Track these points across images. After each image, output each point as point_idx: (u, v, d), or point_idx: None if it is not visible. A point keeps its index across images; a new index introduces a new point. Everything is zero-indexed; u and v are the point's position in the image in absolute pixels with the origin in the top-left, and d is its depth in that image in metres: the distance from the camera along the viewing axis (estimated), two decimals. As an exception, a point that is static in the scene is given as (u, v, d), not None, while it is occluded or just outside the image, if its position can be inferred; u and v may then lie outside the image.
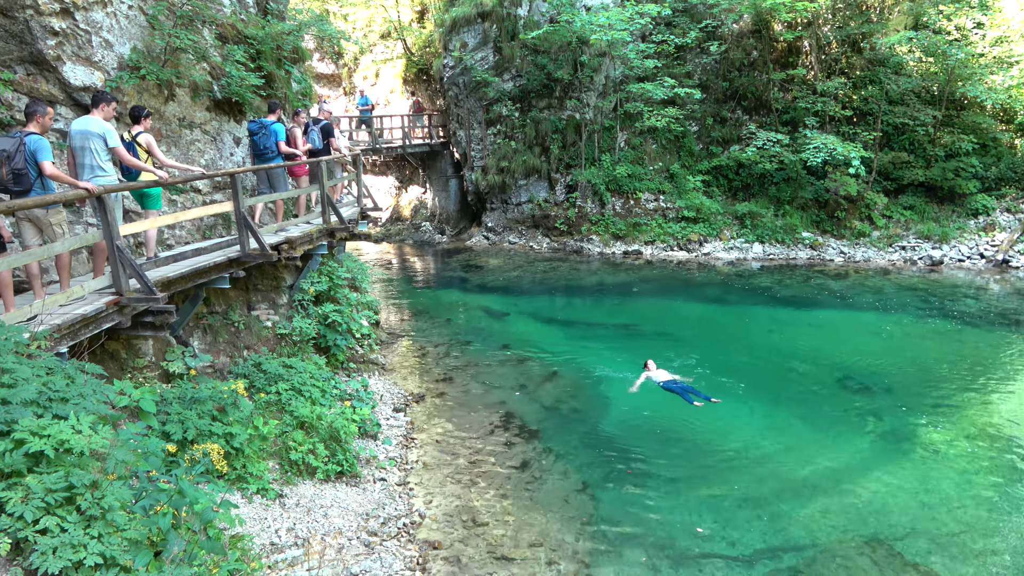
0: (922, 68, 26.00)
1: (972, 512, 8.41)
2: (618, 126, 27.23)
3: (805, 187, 25.63)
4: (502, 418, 11.27)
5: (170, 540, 4.15)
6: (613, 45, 25.26)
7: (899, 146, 25.74)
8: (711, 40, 26.67)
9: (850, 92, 26.15)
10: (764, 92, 27.09)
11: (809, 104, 25.68)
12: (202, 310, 9.87)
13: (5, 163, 6.40)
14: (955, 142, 24.63)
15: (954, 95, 25.07)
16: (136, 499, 4.48)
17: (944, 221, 24.55)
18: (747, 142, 26.21)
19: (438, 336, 15.93)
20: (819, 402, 11.93)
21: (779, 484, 9.14)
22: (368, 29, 34.32)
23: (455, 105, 28.51)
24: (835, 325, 16.77)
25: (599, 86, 27.13)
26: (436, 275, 23.74)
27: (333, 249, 13.06)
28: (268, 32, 12.29)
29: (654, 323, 17.11)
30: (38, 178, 6.54)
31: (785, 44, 27.15)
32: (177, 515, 4.43)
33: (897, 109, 25.28)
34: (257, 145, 11.18)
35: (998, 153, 24.96)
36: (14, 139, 6.47)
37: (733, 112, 27.76)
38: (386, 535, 7.65)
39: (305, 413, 8.98)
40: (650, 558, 7.54)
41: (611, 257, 25.08)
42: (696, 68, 27.76)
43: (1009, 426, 10.75)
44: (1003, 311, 17.59)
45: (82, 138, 7.37)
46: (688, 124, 27.36)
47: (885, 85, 25.26)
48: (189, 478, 4.96)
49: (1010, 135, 25.13)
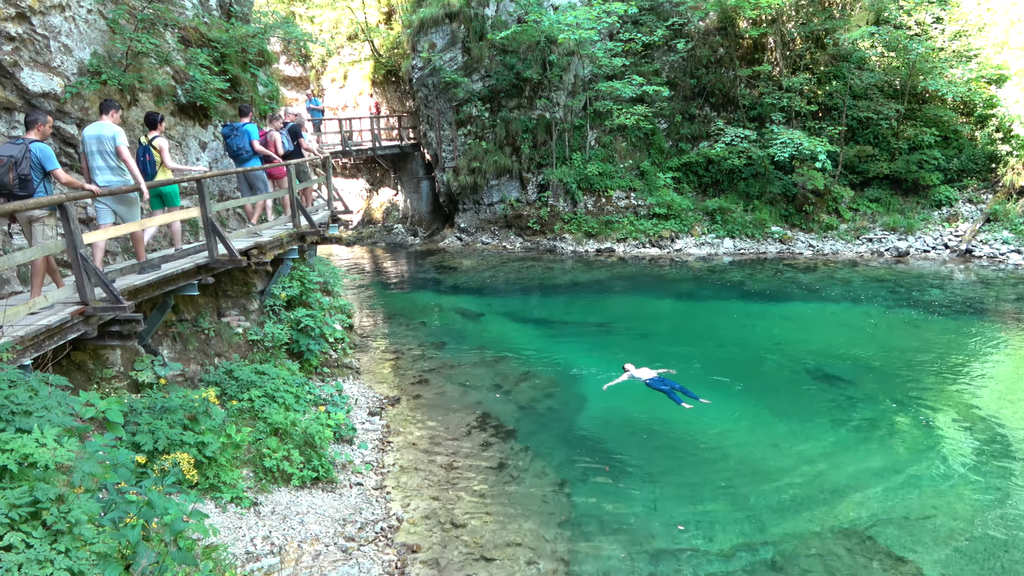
0: (884, 63, 26.47)
1: (942, 498, 8.56)
2: (588, 125, 27.35)
3: (773, 182, 25.96)
4: (478, 419, 11.24)
5: (140, 552, 4.07)
6: (581, 44, 25.36)
7: (864, 140, 26.19)
8: (678, 38, 26.88)
9: (815, 87, 26.53)
10: (731, 89, 27.38)
11: (775, 100, 26.01)
12: (171, 318, 9.71)
13: (12, 169, 6.78)
14: (918, 135, 25.13)
15: (916, 89, 25.57)
16: (105, 512, 4.39)
17: (909, 213, 25.03)
18: (716, 138, 26.47)
19: (413, 338, 15.86)
20: (792, 393, 12.08)
21: (755, 476, 9.23)
22: (335, 31, 34.06)
23: (425, 106, 28.42)
24: (806, 317, 17.00)
25: (568, 85, 27.21)
26: (409, 277, 23.63)
27: (304, 253, 12.93)
28: (232, 35, 12.15)
29: (628, 320, 17.20)
30: (41, 183, 6.98)
31: (750, 41, 27.46)
32: (147, 527, 4.35)
33: (861, 103, 25.72)
34: (231, 147, 11.30)
35: (959, 145, 25.51)
36: (19, 146, 6.86)
37: (701, 109, 28.02)
38: (364, 540, 7.59)
39: (279, 419, 8.87)
40: (629, 554, 7.57)
41: (584, 255, 25.17)
42: (664, 66, 27.97)
43: (976, 412, 10.98)
44: (967, 300, 17.97)
45: (97, 142, 7.91)
46: (657, 122, 27.56)
47: (849, 80, 25.69)
48: (159, 489, 4.87)
49: (970, 127, 25.68)
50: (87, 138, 7.96)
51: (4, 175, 6.78)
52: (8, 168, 6.78)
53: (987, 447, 9.80)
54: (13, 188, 6.81)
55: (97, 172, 8.00)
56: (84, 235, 6.93)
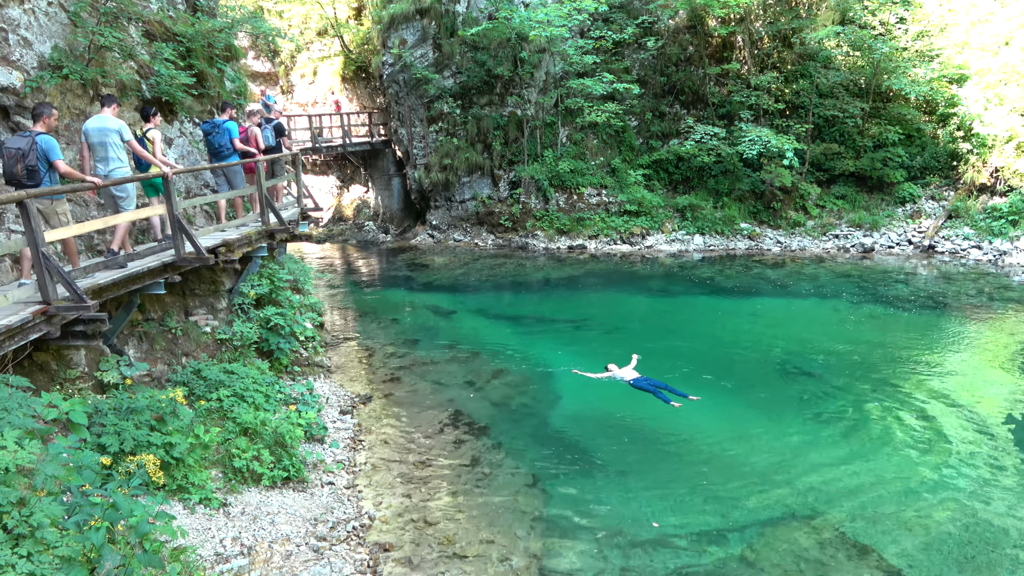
0: (849, 62, 26.90)
1: (908, 489, 8.74)
2: (559, 122, 27.40)
3: (742, 179, 26.25)
4: (451, 416, 11.22)
5: (104, 555, 4.00)
6: (552, 41, 25.40)
7: (830, 138, 26.60)
8: (648, 36, 27.07)
9: (782, 86, 26.88)
10: (700, 87, 27.63)
11: (744, 98, 26.31)
12: (137, 317, 9.54)
13: (20, 160, 7.13)
14: (882, 133, 25.60)
15: (880, 88, 26.02)
16: (69, 515, 4.31)
17: (874, 209, 25.49)
18: (685, 136, 26.71)
19: (384, 336, 15.77)
20: (762, 388, 12.24)
21: (726, 470, 9.34)
22: (304, 26, 33.69)
23: (395, 103, 28.25)
24: (775, 313, 17.23)
25: (539, 82, 27.23)
26: (381, 275, 23.49)
27: (273, 251, 12.79)
28: (198, 29, 11.96)
29: (600, 316, 17.29)
30: (47, 173, 7.29)
31: (719, 39, 27.73)
32: (112, 529, 4.28)
33: (827, 102, 26.12)
34: (212, 144, 11.36)
35: (922, 143, 26.04)
36: (27, 138, 7.20)
37: (671, 107, 28.23)
38: (335, 539, 7.54)
39: (248, 419, 8.77)
40: (601, 548, 7.61)
41: (556, 252, 25.24)
42: (634, 64, 28.13)
43: (940, 405, 11.22)
44: (930, 294, 18.36)
45: (100, 134, 8.27)
46: (628, 119, 27.70)
47: (815, 79, 26.07)
48: (124, 491, 4.79)
49: (932, 126, 26.22)
50: (90, 131, 8.29)
51: (12, 166, 7.15)
52: (16, 160, 7.12)
53: (952, 439, 10.02)
54: (21, 178, 7.17)
55: (99, 163, 8.35)
56: (45, 233, 6.78)
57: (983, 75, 24.94)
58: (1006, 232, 22.59)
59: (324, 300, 17.91)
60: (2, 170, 7.27)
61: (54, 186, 7.27)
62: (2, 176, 7.26)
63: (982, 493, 8.59)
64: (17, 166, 7.14)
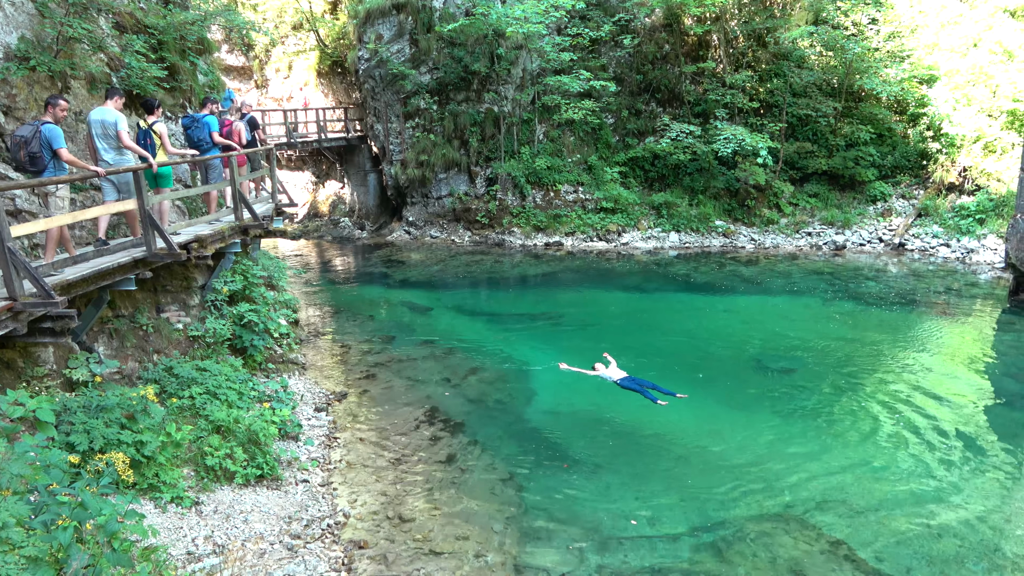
0: (822, 62, 27.24)
1: (877, 483, 8.88)
2: (536, 119, 27.42)
3: (717, 177, 26.47)
4: (427, 413, 11.20)
5: (72, 555, 3.93)
6: (529, 38, 25.39)
7: (803, 136, 26.92)
8: (624, 34, 27.16)
9: (757, 85, 27.14)
10: (676, 85, 27.79)
11: (719, 96, 26.51)
12: (107, 314, 9.39)
13: (23, 147, 7.56)
14: (854, 132, 25.96)
15: (852, 87, 26.38)
16: (35, 514, 4.23)
17: (846, 208, 25.84)
18: (661, 134, 26.85)
19: (360, 333, 15.68)
20: (735, 383, 12.37)
21: (700, 465, 9.43)
22: (279, 20, 33.34)
23: (372, 98, 28.08)
24: (748, 309, 17.41)
25: (516, 79, 27.22)
26: (357, 271, 23.36)
27: (247, 247, 12.66)
28: (170, 22, 11.80)
29: (577, 313, 17.34)
30: (51, 161, 7.71)
31: (695, 38, 27.92)
32: (80, 529, 4.21)
33: (801, 101, 26.41)
34: (191, 139, 11.53)
35: (893, 142, 26.45)
36: (32, 127, 7.64)
37: (647, 104, 28.37)
38: (310, 537, 7.50)
39: (221, 417, 8.68)
40: (576, 544, 7.65)
41: (533, 249, 25.26)
42: (611, 61, 28.22)
43: (910, 400, 11.41)
44: (900, 291, 18.67)
45: (101, 126, 8.68)
46: (604, 116, 27.79)
47: (789, 78, 26.35)
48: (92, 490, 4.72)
49: (903, 125, 26.64)
50: (92, 122, 8.72)
51: (16, 153, 7.63)
52: (20, 146, 7.57)
53: (921, 434, 10.20)
54: (25, 164, 7.65)
55: (102, 153, 8.77)
56: (12, 228, 6.64)
57: (952, 76, 25.39)
58: (973, 230, 23.03)
59: (299, 296, 17.76)
60: (10, 157, 7.78)
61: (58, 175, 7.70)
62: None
63: (950, 487, 8.76)
64: (21, 153, 7.57)
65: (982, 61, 24.73)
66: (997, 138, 23.83)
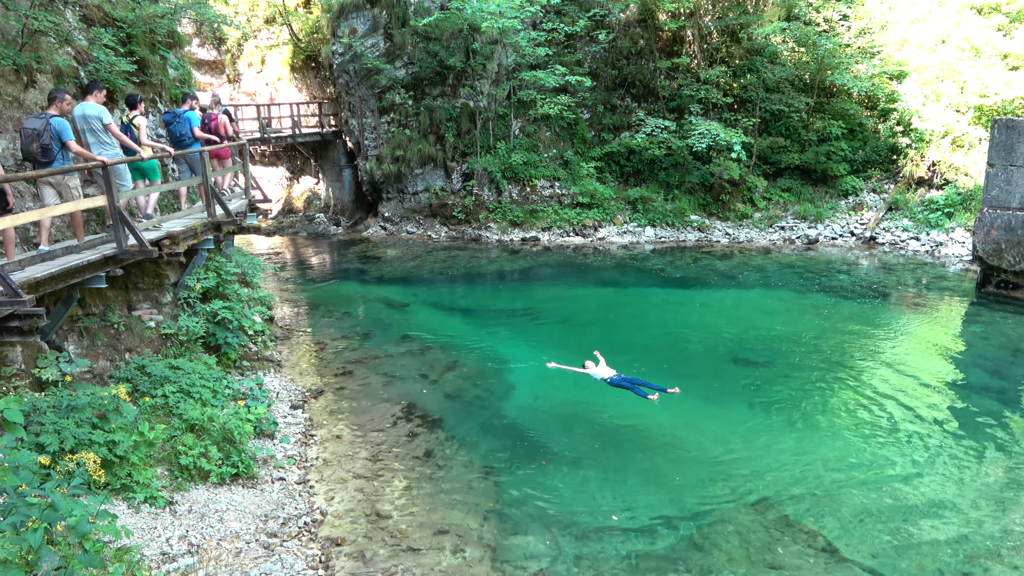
0: (795, 57, 27.52)
1: (850, 472, 9.03)
2: (512, 114, 27.38)
3: (692, 172, 26.65)
4: (404, 409, 11.16)
5: (42, 557, 3.87)
6: (504, 33, 25.34)
7: (776, 131, 27.18)
8: (599, 29, 27.19)
9: (731, 80, 27.34)
10: (651, 80, 27.91)
11: (693, 92, 26.68)
12: (77, 312, 9.23)
13: (36, 139, 7.96)
14: (826, 127, 26.27)
15: (824, 83, 26.69)
16: (4, 516, 4.15)
17: (818, 202, 26.17)
18: (636, 129, 26.95)
19: (336, 330, 15.58)
20: (711, 377, 12.49)
21: (676, 457, 9.52)
22: (251, 13, 32.88)
23: (346, 93, 27.85)
24: (723, 303, 17.58)
25: (492, 74, 27.15)
26: (332, 267, 23.20)
27: (220, 243, 12.52)
28: (139, 15, 11.60)
29: (553, 308, 17.38)
30: (60, 152, 8.15)
31: (669, 33, 28.04)
32: (51, 530, 4.14)
33: (774, 96, 26.67)
34: (173, 134, 11.68)
35: (864, 137, 26.81)
36: (42, 120, 8.06)
37: (622, 99, 28.46)
38: (286, 535, 7.45)
39: (195, 415, 8.59)
40: (554, 537, 7.69)
41: (509, 244, 25.27)
42: (586, 56, 28.25)
43: (881, 391, 11.61)
44: (871, 284, 18.97)
45: (83, 120, 9.01)
46: (580, 112, 27.83)
47: (762, 73, 26.58)
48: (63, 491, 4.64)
49: (874, 120, 27.02)
50: (75, 117, 8.98)
51: (29, 145, 7.98)
52: (32, 139, 7.94)
53: (890, 424, 10.39)
54: (37, 156, 8.04)
55: (93, 146, 9.06)
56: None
57: (921, 72, 25.78)
58: (942, 224, 23.45)
59: (274, 293, 17.59)
60: (20, 148, 8.12)
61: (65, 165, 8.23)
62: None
63: (920, 475, 8.93)
64: (33, 144, 7.95)
65: (950, 57, 25.14)
66: (965, 133, 24.25)
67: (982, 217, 16.94)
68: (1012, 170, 16.35)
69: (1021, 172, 16.26)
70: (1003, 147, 16.46)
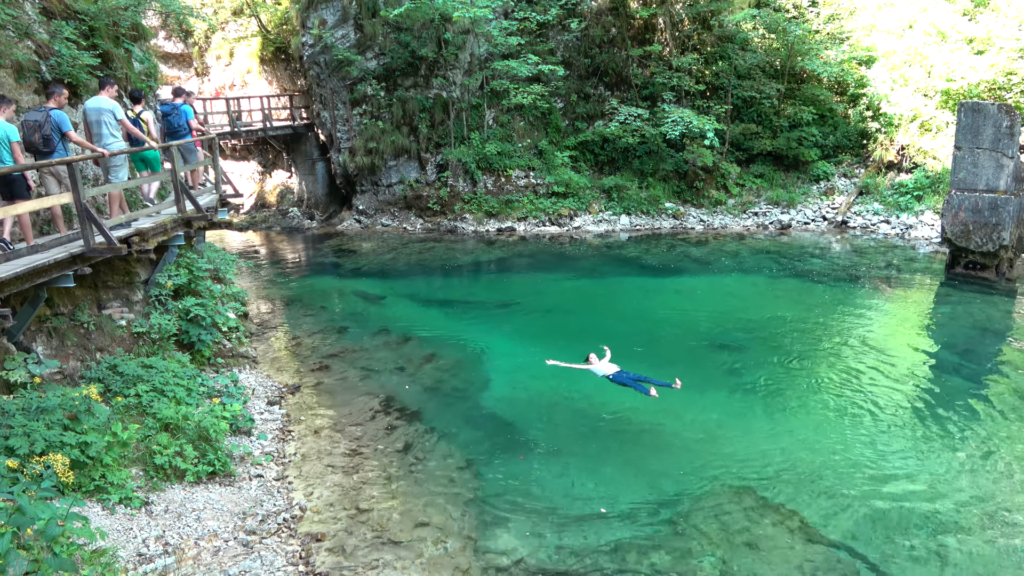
0: (766, 44, 27.68)
1: (825, 454, 9.15)
2: (485, 104, 27.26)
3: (666, 159, 26.75)
4: (382, 402, 11.11)
5: (10, 561, 3.79)
6: (476, 22, 25.17)
7: (748, 118, 27.36)
8: (571, 17, 27.13)
9: (702, 67, 27.45)
10: (624, 68, 27.93)
11: (666, 79, 26.75)
12: (45, 312, 9.06)
13: (38, 130, 8.42)
14: (797, 113, 26.49)
15: (794, 69, 26.90)
16: (-28, 522, 4.07)
17: (790, 187, 26.42)
18: (610, 117, 26.96)
19: (312, 324, 15.45)
20: (688, 362, 12.56)
21: (655, 443, 9.59)
22: (219, 5, 32.38)
23: (317, 85, 27.55)
24: (699, 289, 17.70)
25: (464, 64, 27.00)
26: (307, 262, 22.99)
27: (191, 239, 12.35)
28: (102, 7, 11.37)
29: (531, 297, 17.38)
30: (60, 143, 8.62)
31: (641, 21, 28.06)
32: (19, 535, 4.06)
33: (745, 83, 26.82)
34: (171, 124, 12.24)
35: (834, 123, 27.10)
36: (42, 112, 8.53)
37: (596, 88, 28.45)
38: (266, 532, 7.39)
39: (169, 414, 8.47)
40: (535, 525, 7.71)
41: (485, 235, 25.21)
42: (558, 45, 28.18)
43: (854, 372, 11.78)
44: (844, 267, 19.21)
45: (97, 113, 9.58)
46: (553, 101, 27.78)
47: (734, 60, 26.71)
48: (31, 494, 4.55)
49: (843, 106, 27.31)
50: (89, 110, 9.62)
51: (31, 135, 8.41)
52: (34, 130, 8.39)
53: (865, 405, 10.54)
54: (39, 146, 8.50)
55: (99, 139, 9.61)
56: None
57: (889, 57, 26.09)
58: (912, 207, 23.79)
59: (248, 289, 17.40)
60: (22, 140, 8.38)
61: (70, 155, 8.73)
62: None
63: (893, 454, 9.08)
64: (35, 135, 8.39)
65: (917, 42, 25.46)
66: (932, 117, 24.61)
67: (950, 199, 17.21)
68: (978, 153, 16.63)
69: (987, 154, 16.54)
70: (969, 130, 16.72)
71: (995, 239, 16.65)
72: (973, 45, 24.51)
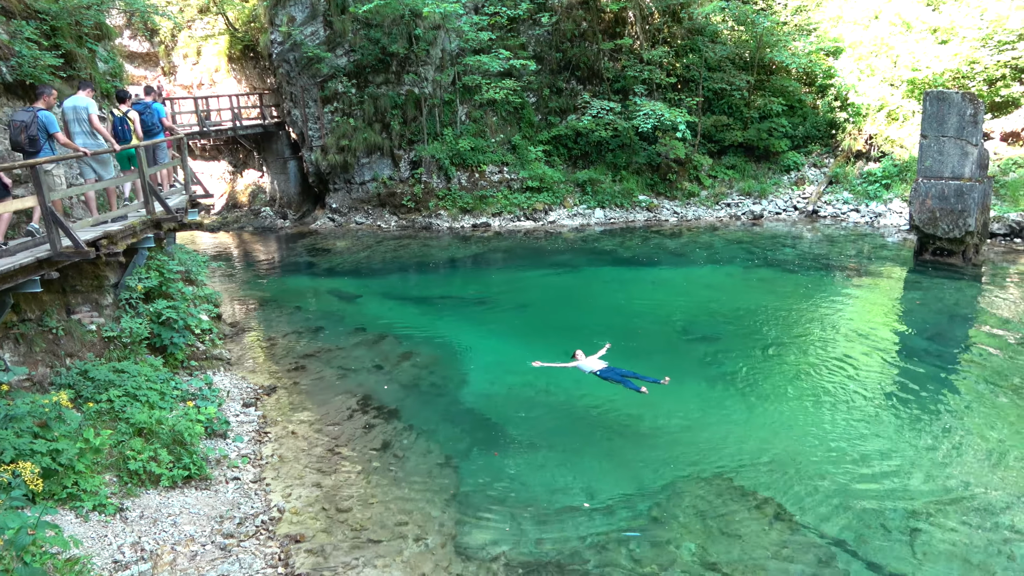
0: (735, 36, 27.90)
1: (800, 441, 9.27)
2: (458, 100, 27.17)
3: (639, 152, 26.89)
4: (359, 401, 11.06)
5: (-21, 573, 3.73)
6: (446, 17, 25.05)
7: (719, 110, 27.59)
8: (542, 12, 27.13)
9: (673, 60, 27.62)
10: (595, 62, 28.00)
11: (637, 73, 26.87)
12: (11, 318, 8.87)
13: (24, 131, 8.49)
14: (767, 104, 26.77)
15: (763, 61, 27.16)
16: (-61, 534, 3.99)
17: (762, 178, 26.70)
18: (583, 111, 27.05)
19: (287, 325, 15.32)
20: (664, 354, 12.65)
21: (633, 434, 9.64)
22: (184, 3, 31.89)
23: (287, 83, 27.26)
24: (674, 280, 17.83)
25: (436, 60, 26.87)
26: (281, 262, 22.77)
27: (162, 241, 12.17)
28: (64, 6, 11.12)
29: (507, 293, 17.39)
30: (46, 143, 8.71)
31: (612, 15, 28.15)
32: (-11, 545, 3.99)
33: (715, 75, 27.03)
34: (145, 123, 12.18)
35: (804, 113, 27.42)
36: (29, 113, 8.61)
37: (568, 82, 28.49)
38: (244, 535, 7.32)
39: (143, 419, 8.36)
40: (515, 520, 7.72)
41: (460, 231, 25.16)
42: (530, 40, 28.16)
43: (826, 360, 11.95)
44: (815, 256, 19.46)
45: (74, 112, 9.73)
46: (526, 96, 27.77)
47: (704, 53, 26.90)
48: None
49: (812, 96, 27.64)
50: (66, 108, 9.72)
51: (17, 136, 8.49)
52: (20, 130, 8.46)
53: (837, 391, 10.69)
54: (25, 146, 8.56)
55: (75, 137, 9.71)
56: None
57: (856, 47, 26.46)
58: (880, 195, 24.16)
59: (221, 291, 17.19)
60: (9, 139, 8.56)
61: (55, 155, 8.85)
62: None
63: (863, 438, 9.23)
64: (21, 136, 8.46)
65: (883, 32, 25.83)
66: (899, 106, 24.99)
67: (917, 187, 17.50)
68: (944, 141, 16.92)
69: (952, 142, 16.83)
70: (935, 119, 17.00)
71: (961, 225, 16.97)
72: (937, 35, 24.92)
